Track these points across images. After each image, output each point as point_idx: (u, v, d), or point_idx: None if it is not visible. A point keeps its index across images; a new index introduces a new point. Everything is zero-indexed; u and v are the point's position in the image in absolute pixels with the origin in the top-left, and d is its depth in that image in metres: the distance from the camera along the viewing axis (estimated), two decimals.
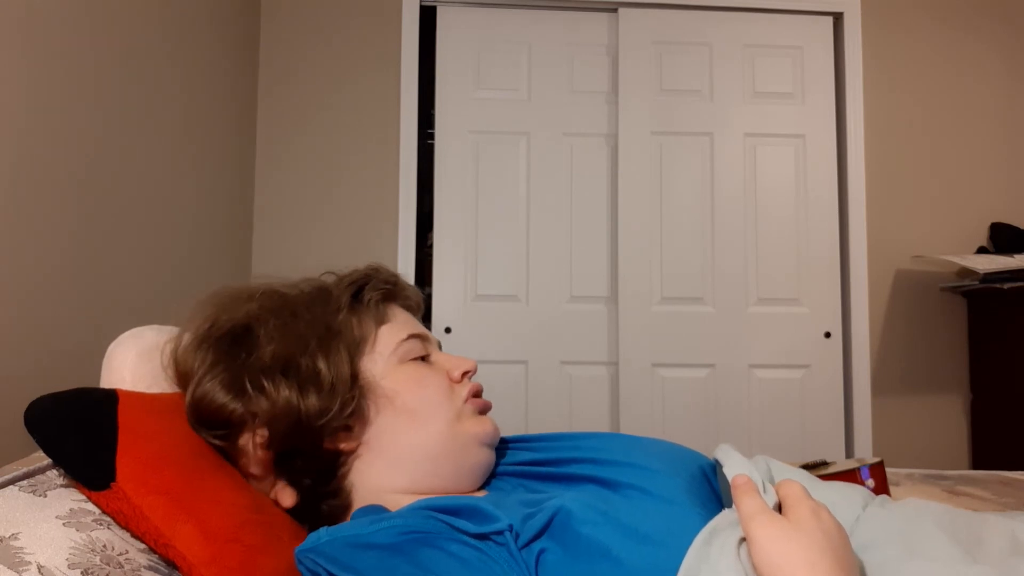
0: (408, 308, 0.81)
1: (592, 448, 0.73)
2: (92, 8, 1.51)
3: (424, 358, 0.76)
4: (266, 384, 0.67)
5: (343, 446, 0.70)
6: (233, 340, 0.71)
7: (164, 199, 1.88)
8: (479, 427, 0.72)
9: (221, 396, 0.68)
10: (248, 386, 0.68)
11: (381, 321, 0.75)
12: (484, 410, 0.76)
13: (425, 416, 0.71)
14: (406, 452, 0.70)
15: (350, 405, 0.69)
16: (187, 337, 0.74)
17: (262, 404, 0.67)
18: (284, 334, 0.70)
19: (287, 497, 0.70)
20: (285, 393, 0.67)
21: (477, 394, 0.76)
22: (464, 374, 0.76)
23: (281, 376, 0.68)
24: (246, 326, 0.72)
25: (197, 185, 2.10)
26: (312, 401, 0.67)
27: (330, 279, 0.80)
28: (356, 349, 0.72)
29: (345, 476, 0.71)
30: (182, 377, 0.73)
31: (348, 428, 0.70)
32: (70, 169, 1.45)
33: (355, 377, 0.70)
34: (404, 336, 0.74)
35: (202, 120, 2.13)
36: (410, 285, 0.84)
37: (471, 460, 0.71)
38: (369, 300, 0.76)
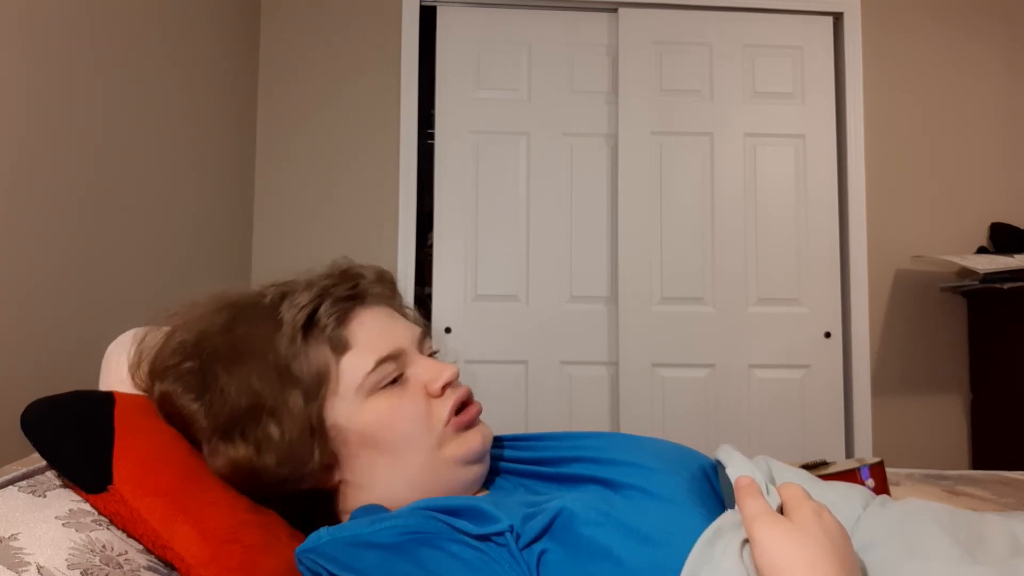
0: (378, 302, 0.74)
1: (592, 447, 0.73)
2: (92, 8, 1.51)
3: (399, 376, 0.69)
4: (221, 446, 0.65)
5: (321, 485, 0.69)
6: (186, 387, 0.68)
7: (164, 199, 1.87)
8: (462, 449, 0.68)
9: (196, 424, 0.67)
10: (204, 446, 0.66)
11: (342, 350, 0.67)
12: (470, 424, 0.70)
13: (402, 451, 0.67)
14: (389, 485, 0.68)
15: (311, 460, 0.65)
16: (144, 367, 0.72)
17: (219, 462, 0.65)
18: (237, 390, 0.65)
19: None
20: (243, 452, 0.64)
21: (465, 401, 0.70)
22: (444, 387, 0.69)
23: (239, 437, 0.65)
24: (199, 371, 0.67)
25: (197, 185, 2.10)
26: (271, 461, 0.64)
27: (299, 283, 0.72)
28: (316, 393, 0.66)
29: (330, 505, 0.70)
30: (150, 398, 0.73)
31: (327, 468, 0.68)
32: (70, 169, 1.44)
33: (316, 429, 0.66)
34: (370, 367, 0.67)
35: (202, 120, 2.13)
36: (377, 272, 0.76)
37: (459, 479, 0.68)
38: (326, 327, 0.67)
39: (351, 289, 0.71)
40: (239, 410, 0.65)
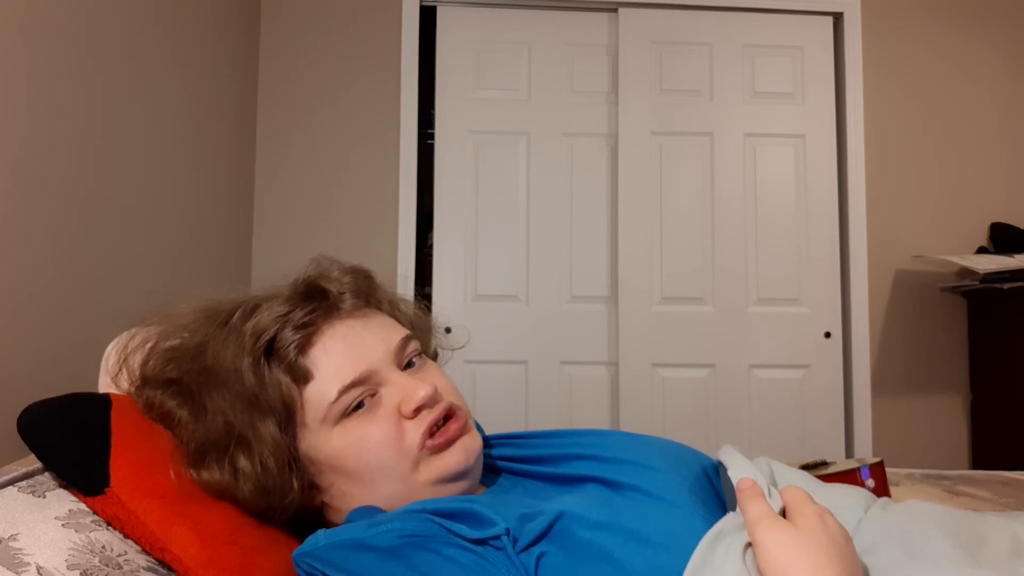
0: (348, 315, 0.69)
1: (594, 445, 0.72)
2: (92, 9, 1.51)
3: (374, 394, 0.66)
4: (194, 473, 0.64)
5: (306, 504, 0.68)
6: (170, 396, 0.68)
7: (164, 199, 1.87)
8: (440, 470, 0.65)
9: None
10: (181, 469, 0.65)
11: (304, 379, 0.65)
12: (449, 443, 0.65)
13: (375, 479, 0.65)
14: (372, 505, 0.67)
15: (291, 491, 0.65)
16: (125, 375, 0.72)
17: (199, 481, 0.65)
18: (208, 419, 0.64)
19: None
20: (217, 476, 0.64)
21: (447, 415, 0.66)
22: (417, 410, 0.65)
23: (214, 464, 0.64)
24: (179, 387, 0.67)
25: (197, 186, 2.10)
26: (248, 489, 0.64)
27: (269, 298, 0.69)
28: (286, 423, 0.65)
29: (319, 515, 0.70)
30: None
31: (310, 490, 0.67)
32: (70, 169, 1.44)
33: (291, 460, 0.65)
34: (333, 396, 0.64)
35: (202, 121, 2.12)
36: (351, 276, 0.72)
37: (442, 497, 0.66)
38: (286, 356, 0.65)
39: (312, 311, 0.67)
40: (211, 442, 0.64)
